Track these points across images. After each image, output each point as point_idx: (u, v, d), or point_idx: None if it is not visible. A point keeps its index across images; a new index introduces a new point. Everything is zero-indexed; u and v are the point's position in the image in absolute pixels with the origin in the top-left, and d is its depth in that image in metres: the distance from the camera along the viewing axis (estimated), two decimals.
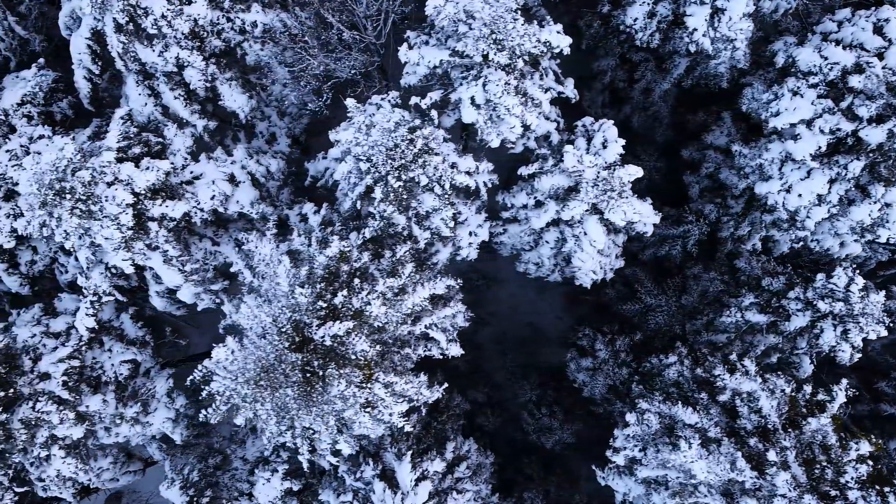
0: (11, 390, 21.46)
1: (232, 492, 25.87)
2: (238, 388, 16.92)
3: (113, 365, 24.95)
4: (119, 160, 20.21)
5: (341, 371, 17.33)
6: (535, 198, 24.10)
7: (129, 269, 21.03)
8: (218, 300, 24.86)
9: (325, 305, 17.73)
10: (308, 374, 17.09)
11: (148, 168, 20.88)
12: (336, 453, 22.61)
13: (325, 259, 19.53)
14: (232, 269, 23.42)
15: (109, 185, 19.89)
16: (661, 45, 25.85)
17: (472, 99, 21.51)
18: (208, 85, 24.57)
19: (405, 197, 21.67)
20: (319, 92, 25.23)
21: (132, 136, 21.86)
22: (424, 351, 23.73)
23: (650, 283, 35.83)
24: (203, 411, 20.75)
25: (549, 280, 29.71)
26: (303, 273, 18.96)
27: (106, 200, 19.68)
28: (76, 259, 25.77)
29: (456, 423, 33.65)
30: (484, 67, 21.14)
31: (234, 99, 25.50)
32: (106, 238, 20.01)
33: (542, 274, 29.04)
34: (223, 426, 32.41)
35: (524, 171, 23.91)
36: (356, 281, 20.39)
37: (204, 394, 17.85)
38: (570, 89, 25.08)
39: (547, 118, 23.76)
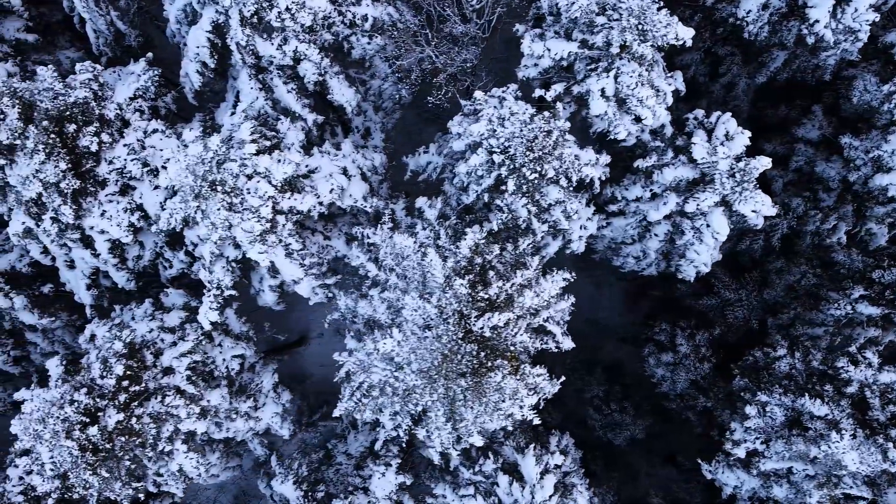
0: (142, 385, 21.41)
1: (338, 486, 25.79)
2: (406, 379, 16.85)
3: (224, 360, 24.90)
4: (257, 153, 20.13)
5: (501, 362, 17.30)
6: (651, 190, 24.06)
7: (266, 263, 20.98)
8: (330, 294, 24.80)
9: (486, 296, 17.69)
10: (477, 365, 17.06)
11: (280, 161, 20.81)
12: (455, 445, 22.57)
13: (468, 251, 19.49)
14: (353, 263, 23.39)
15: (249, 177, 19.84)
16: (768, 37, 25.79)
17: (603, 91, 21.46)
18: (320, 79, 24.52)
19: (533, 189, 21.63)
20: (438, 86, 25.16)
21: (256, 129, 21.77)
22: (541, 344, 23.69)
23: (727, 277, 35.80)
24: (343, 404, 20.79)
25: (644, 274, 29.66)
26: (449, 264, 18.92)
27: (248, 193, 19.63)
28: (185, 254, 25.76)
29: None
30: (616, 59, 21.09)
31: (343, 93, 25.45)
32: (245, 231, 19.95)
33: (638, 268, 29.01)
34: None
35: (641, 163, 23.86)
36: (491, 273, 20.38)
37: (365, 387, 17.77)
38: (679, 81, 25.03)
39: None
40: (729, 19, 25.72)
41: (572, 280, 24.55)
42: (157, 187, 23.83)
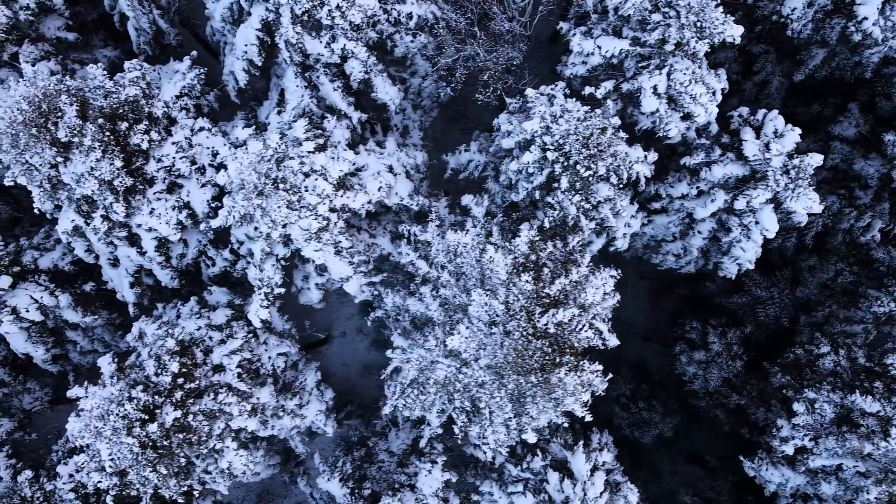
0: (195, 382, 21.42)
1: (382, 484, 25.81)
2: (475, 375, 16.87)
3: (270, 357, 24.92)
4: (314, 150, 20.15)
5: (568, 359, 17.34)
6: (698, 187, 24.09)
7: (320, 260, 20.98)
8: (376, 292, 24.81)
9: (549, 293, 17.72)
10: (546, 361, 17.09)
11: (334, 158, 20.84)
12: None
13: (526, 248, 19.51)
14: (402, 261, 23.41)
15: (306, 175, 19.86)
16: (810, 35, 25.83)
17: (655, 88, 21.49)
18: (365, 77, 24.53)
19: (585, 186, 21.65)
20: (484, 83, 25.20)
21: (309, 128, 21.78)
22: (584, 342, 23.70)
23: (758, 275, 35.81)
24: (391, 402, 20.79)
25: (682, 271, 29.67)
26: (509, 261, 18.94)
27: (306, 190, 19.65)
28: (231, 252, 25.77)
29: None
30: (669, 56, 21.12)
31: (387, 91, 25.48)
32: (302, 229, 19.96)
33: (676, 265, 29.01)
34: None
35: (689, 160, 23.90)
36: (545, 270, 20.40)
37: (429, 384, 17.79)
38: (723, 79, 25.06)
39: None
40: (772, 17, 25.74)
41: (619, 277, 24.63)
42: (204, 185, 23.88)
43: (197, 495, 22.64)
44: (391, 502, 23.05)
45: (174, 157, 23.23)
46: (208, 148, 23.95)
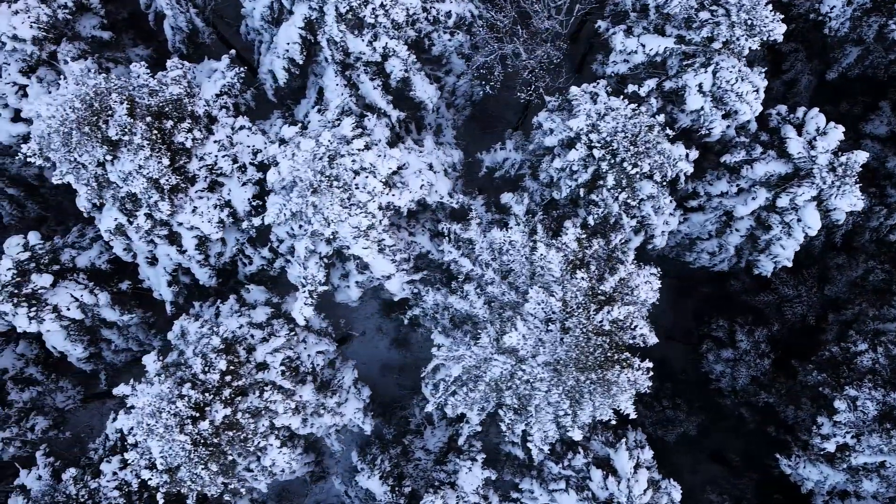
0: (242, 380, 21.45)
1: (419, 481, 25.85)
2: (533, 372, 16.91)
3: (310, 356, 24.95)
4: (365, 148, 20.17)
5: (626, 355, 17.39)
6: (738, 185, 24.12)
7: (368, 258, 21.01)
8: (415, 290, 24.84)
9: (605, 290, 17.76)
10: (604, 359, 17.13)
11: (381, 155, 20.86)
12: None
13: (576, 245, 19.54)
14: (445, 259, 23.45)
15: (356, 173, 19.88)
16: (848, 33, 25.87)
17: (700, 86, 21.52)
18: (405, 75, 24.57)
19: (630, 184, 21.69)
20: (524, 82, 25.24)
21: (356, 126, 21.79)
22: (630, 340, 23.73)
23: (785, 273, 35.81)
24: (435, 400, 20.84)
25: (715, 269, 29.71)
26: (560, 258, 18.96)
27: (356, 188, 19.68)
28: (270, 251, 25.81)
29: None
30: (715, 54, 21.16)
31: (425, 90, 25.51)
32: (352, 226, 19.99)
33: (710, 263, 29.05)
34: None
35: (729, 158, 23.93)
36: (592, 268, 20.43)
37: (485, 381, 17.81)
38: (762, 77, 25.08)
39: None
40: (809, 15, 25.77)
41: (659, 275, 24.65)
42: (245, 184, 23.93)
43: (244, 492, 22.64)
44: (433, 500, 23.07)
45: (216, 156, 23.25)
46: (248, 146, 24.00)
